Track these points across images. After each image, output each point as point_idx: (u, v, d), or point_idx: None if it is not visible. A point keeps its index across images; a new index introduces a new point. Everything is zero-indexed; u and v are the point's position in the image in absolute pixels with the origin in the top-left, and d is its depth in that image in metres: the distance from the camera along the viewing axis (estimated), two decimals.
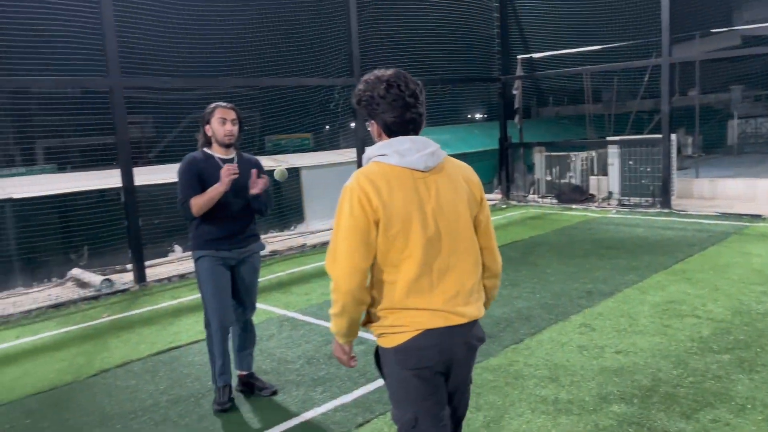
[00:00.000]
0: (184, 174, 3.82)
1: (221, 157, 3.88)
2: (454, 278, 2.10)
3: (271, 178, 4.00)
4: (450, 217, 2.10)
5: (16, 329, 6.11)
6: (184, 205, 3.79)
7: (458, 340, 2.12)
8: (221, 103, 3.93)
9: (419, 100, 2.16)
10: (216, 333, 3.95)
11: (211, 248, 3.88)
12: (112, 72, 7.05)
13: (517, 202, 12.74)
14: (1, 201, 7.52)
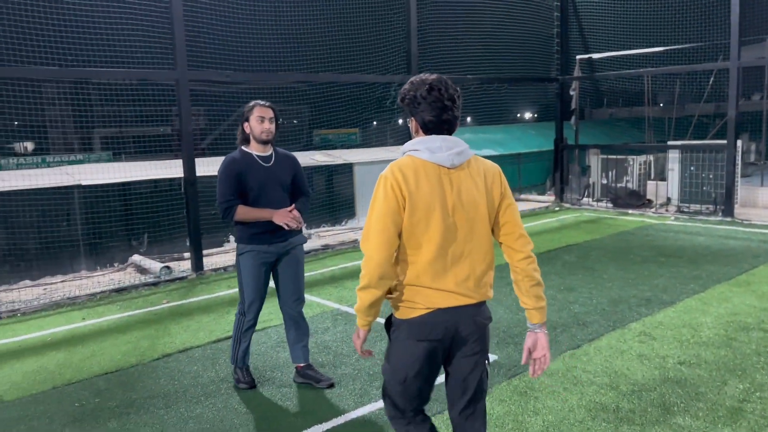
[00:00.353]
0: (224, 176, 3.98)
1: (259, 154, 4.05)
2: (467, 264, 2.37)
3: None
4: (469, 210, 2.35)
5: (83, 311, 6.37)
6: (226, 209, 3.95)
7: (466, 318, 2.39)
8: (260, 101, 4.09)
9: (456, 104, 2.37)
10: (248, 323, 4.17)
11: (254, 242, 4.02)
12: (180, 65, 7.25)
13: (570, 205, 12.51)
14: (70, 187, 7.83)
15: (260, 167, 4.02)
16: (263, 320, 5.75)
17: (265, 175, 4.02)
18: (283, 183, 4.08)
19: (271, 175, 4.04)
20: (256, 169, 4.00)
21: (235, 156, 4.05)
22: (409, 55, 9.76)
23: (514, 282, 2.51)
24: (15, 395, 4.32)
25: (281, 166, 4.10)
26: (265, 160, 4.06)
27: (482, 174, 2.40)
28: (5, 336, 5.65)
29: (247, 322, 4.17)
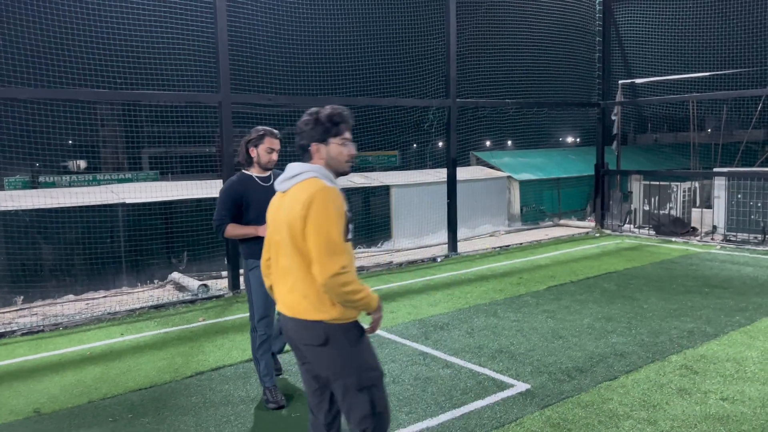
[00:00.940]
0: (222, 198, 4.35)
1: (259, 176, 4.42)
2: (287, 278, 2.64)
3: None
4: (282, 231, 2.61)
5: (122, 326, 6.52)
6: (218, 227, 4.35)
7: (286, 327, 2.72)
8: (271, 130, 4.40)
9: (298, 131, 2.67)
10: (261, 338, 4.39)
11: (257, 258, 4.22)
12: (223, 88, 7.45)
13: (611, 232, 12.25)
14: (114, 205, 8.07)
15: (260, 187, 4.37)
16: None
17: (265, 194, 4.26)
18: None
19: (269, 194, 4.22)
20: (256, 189, 4.35)
21: (236, 180, 4.39)
22: (448, 79, 9.80)
23: None
24: (52, 408, 4.43)
25: None
26: (264, 181, 4.43)
27: (298, 199, 2.54)
28: (47, 349, 5.82)
29: (260, 336, 4.37)
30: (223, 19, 7.41)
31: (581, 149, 16.30)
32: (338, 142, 2.66)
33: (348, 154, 2.69)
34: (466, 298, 7.24)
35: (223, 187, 4.45)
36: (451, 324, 6.20)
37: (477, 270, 8.95)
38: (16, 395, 4.68)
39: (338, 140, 2.66)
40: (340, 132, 2.66)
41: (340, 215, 2.52)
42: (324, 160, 2.66)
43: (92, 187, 9.55)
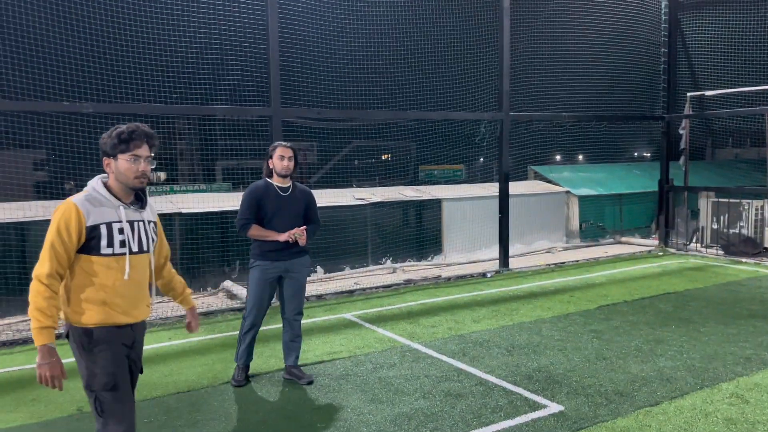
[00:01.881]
0: (246, 199, 4.82)
1: (279, 185, 4.87)
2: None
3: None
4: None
5: (170, 331, 6.76)
6: (243, 225, 4.79)
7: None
8: (282, 142, 4.90)
9: (99, 145, 2.90)
10: (247, 326, 4.95)
11: (262, 258, 4.83)
12: (274, 102, 7.66)
13: (675, 251, 11.69)
14: (171, 215, 8.42)
15: (278, 195, 4.83)
16: (332, 352, 5.82)
17: (281, 202, 4.82)
18: (296, 211, 4.89)
19: (285, 203, 4.84)
20: (274, 196, 4.81)
21: (259, 184, 4.88)
22: (501, 92, 9.68)
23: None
24: None
25: (296, 197, 4.91)
26: (283, 191, 4.87)
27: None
28: None
29: (246, 325, 4.93)
30: (275, 36, 7.63)
31: (648, 164, 15.69)
32: (126, 158, 2.80)
33: (137, 170, 2.83)
34: (511, 316, 7.08)
35: (247, 189, 4.88)
36: (492, 341, 6.07)
37: (527, 287, 8.74)
38: (63, 393, 4.92)
39: (127, 156, 2.80)
40: (128, 149, 2.80)
41: (60, 228, 2.71)
42: (114, 174, 2.85)
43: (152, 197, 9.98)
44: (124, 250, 2.83)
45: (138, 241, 2.90)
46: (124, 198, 2.89)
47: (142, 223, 2.94)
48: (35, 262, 2.81)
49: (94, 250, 2.77)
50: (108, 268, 2.80)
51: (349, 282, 9.12)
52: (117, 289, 2.84)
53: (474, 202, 11.06)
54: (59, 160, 9.52)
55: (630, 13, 11.77)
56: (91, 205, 2.78)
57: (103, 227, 2.78)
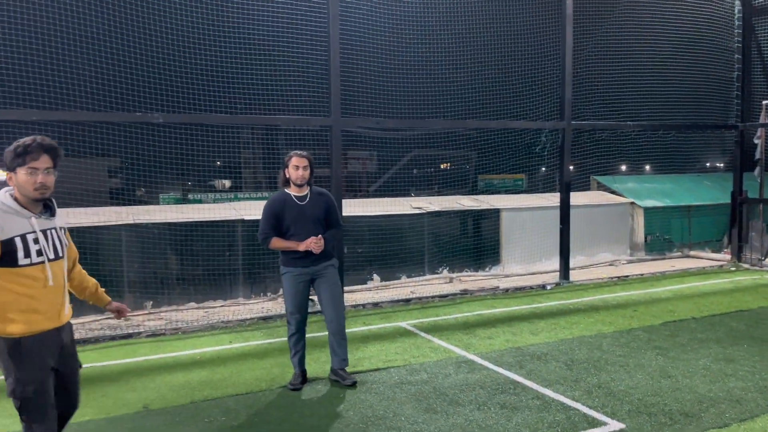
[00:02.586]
0: (265, 214, 5.03)
1: (295, 194, 5.04)
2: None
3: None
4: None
5: (231, 335, 6.95)
6: (264, 239, 5.02)
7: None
8: (297, 151, 5.05)
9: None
10: (290, 331, 5.13)
11: (291, 265, 5.03)
12: (334, 112, 7.79)
13: (749, 266, 11.12)
14: (234, 221, 8.67)
15: (295, 205, 5.00)
16: (387, 360, 5.84)
17: (299, 211, 4.98)
18: (315, 217, 5.02)
19: (303, 211, 5.00)
20: (291, 206, 4.98)
21: (276, 196, 5.08)
22: (563, 100, 9.50)
23: None
24: (159, 405, 4.82)
25: (314, 203, 5.05)
26: (301, 199, 5.03)
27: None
28: (165, 351, 6.34)
29: (290, 329, 5.13)
30: (335, 47, 7.77)
31: (720, 175, 15.01)
32: (24, 171, 2.89)
33: (35, 182, 2.91)
34: (571, 329, 6.91)
35: (266, 203, 5.08)
36: (550, 354, 5.94)
37: (588, 300, 8.51)
38: (130, 390, 5.15)
39: (25, 169, 2.89)
40: (25, 162, 2.89)
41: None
42: (15, 186, 2.94)
43: (216, 204, 10.31)
44: (42, 258, 2.96)
45: (53, 248, 3.03)
46: (33, 208, 3.00)
47: (54, 230, 3.07)
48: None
49: (12, 262, 2.88)
50: (29, 278, 2.93)
51: (405, 290, 9.13)
52: (40, 297, 2.96)
53: (534, 213, 10.87)
54: (132, 168, 10.00)
55: (701, 18, 11.34)
56: (1, 219, 2.89)
57: (17, 240, 2.89)
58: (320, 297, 5.16)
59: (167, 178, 12.17)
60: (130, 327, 7.23)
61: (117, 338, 6.83)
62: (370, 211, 9.38)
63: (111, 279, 7.95)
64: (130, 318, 7.67)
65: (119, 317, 3.67)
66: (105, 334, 6.93)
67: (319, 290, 5.14)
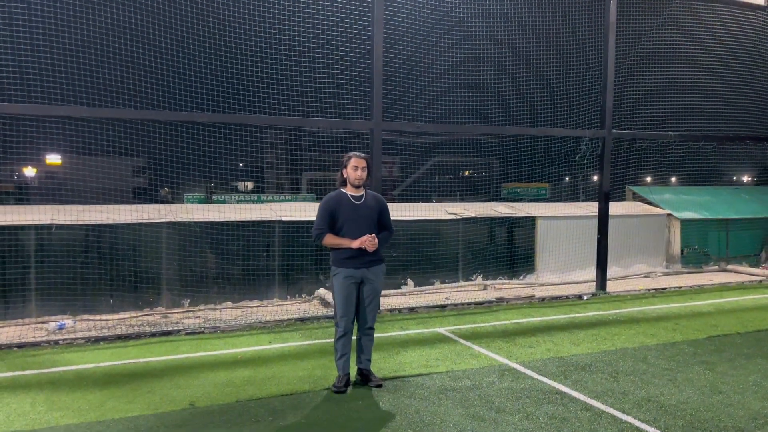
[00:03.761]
0: (321, 210, 5.08)
1: (352, 194, 5.10)
2: None
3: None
4: None
5: (270, 335, 6.96)
6: (317, 235, 5.06)
7: None
8: (356, 153, 5.13)
9: None
10: (341, 332, 5.09)
11: (343, 266, 5.04)
12: (375, 116, 7.79)
13: None
14: (272, 222, 8.71)
15: (351, 204, 5.06)
16: (429, 365, 5.80)
17: (354, 211, 5.05)
18: (369, 218, 5.09)
19: (359, 211, 5.08)
20: (347, 205, 5.05)
21: (333, 194, 5.14)
22: (604, 109, 9.40)
23: None
24: (205, 403, 4.84)
25: (369, 205, 5.13)
26: (357, 199, 5.10)
27: None
28: (205, 349, 6.38)
29: (339, 332, 5.10)
30: (379, 50, 7.78)
31: (758, 188, 14.73)
32: None
33: None
34: (613, 340, 6.80)
35: (322, 201, 5.14)
36: (594, 365, 5.85)
37: (627, 312, 8.38)
38: (176, 387, 5.18)
39: None
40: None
41: None
42: None
43: (255, 204, 10.38)
44: None
45: None
46: None
47: None
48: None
49: None
50: None
51: (439, 296, 9.08)
52: None
53: (569, 222, 10.75)
54: (156, 167, 10.07)
55: (743, 29, 11.15)
56: None
57: None
58: (361, 299, 5.19)
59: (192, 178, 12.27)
60: (169, 324, 7.29)
61: (157, 335, 6.89)
62: (406, 215, 9.35)
63: (150, 276, 8.04)
64: (169, 315, 7.75)
65: None
66: (145, 330, 6.99)
67: (363, 293, 5.17)
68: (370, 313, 5.20)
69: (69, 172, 10.81)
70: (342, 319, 5.09)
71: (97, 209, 8.26)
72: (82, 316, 7.51)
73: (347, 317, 5.09)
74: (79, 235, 7.77)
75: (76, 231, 7.74)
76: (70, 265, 7.66)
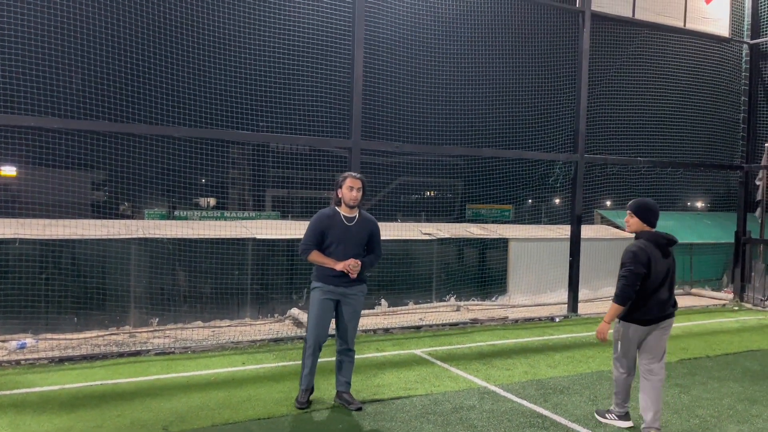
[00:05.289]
0: (311, 226, 5.04)
1: (345, 215, 5.05)
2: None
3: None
4: None
5: (243, 356, 6.78)
6: (304, 250, 5.00)
7: None
8: (352, 173, 5.12)
9: None
10: (309, 347, 5.06)
11: (323, 281, 5.00)
12: (354, 134, 7.76)
13: (752, 306, 11.17)
14: (245, 239, 8.54)
15: (343, 225, 5.00)
16: (408, 388, 5.72)
17: (345, 232, 4.99)
18: (358, 241, 5.03)
19: (349, 232, 5.02)
20: (339, 226, 4.99)
21: (326, 212, 5.07)
22: (576, 133, 9.58)
23: None
24: (179, 427, 4.65)
25: (360, 226, 5.07)
26: (349, 221, 5.04)
27: None
28: (177, 370, 6.16)
29: (307, 347, 5.06)
30: (359, 69, 7.78)
31: (717, 214, 15.17)
32: None
33: None
34: (588, 363, 6.84)
35: (313, 217, 5.09)
36: (572, 388, 5.86)
37: None
38: (147, 411, 4.97)
39: None
40: None
41: None
42: None
43: (226, 221, 10.18)
44: None
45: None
46: None
47: None
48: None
49: None
50: None
51: (413, 317, 9.02)
52: None
53: (541, 244, 10.86)
54: (116, 182, 9.77)
55: (710, 60, 11.55)
56: None
57: None
58: (338, 319, 5.14)
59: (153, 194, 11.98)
60: (137, 344, 7.04)
61: (125, 355, 6.64)
62: (381, 235, 9.28)
63: (117, 293, 7.77)
64: (137, 335, 7.49)
65: None
66: (112, 350, 6.73)
67: (341, 313, 5.11)
68: (349, 333, 5.15)
69: (25, 185, 10.41)
70: (311, 335, 5.06)
71: (61, 224, 7.97)
72: (44, 335, 7.19)
73: (318, 333, 5.05)
74: (43, 251, 7.47)
75: (40, 246, 7.44)
76: (32, 282, 7.35)
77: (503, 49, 9.89)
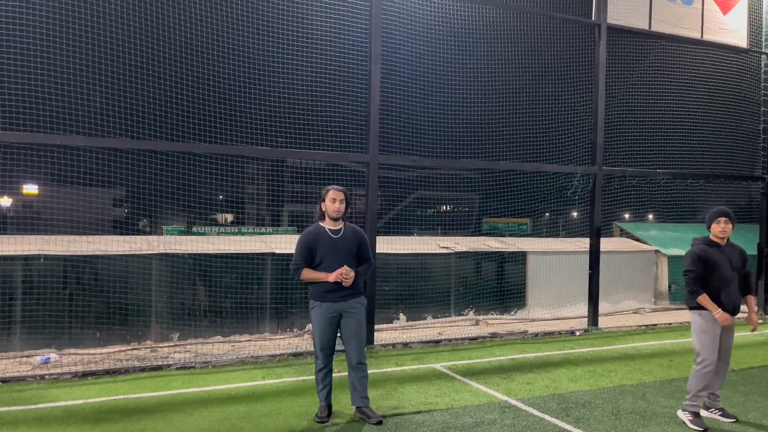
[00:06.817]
0: (298, 245, 5.06)
1: (330, 228, 5.08)
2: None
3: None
4: None
5: (263, 370, 6.81)
6: (295, 270, 5.04)
7: None
8: (334, 186, 5.11)
9: None
10: (319, 366, 5.11)
11: (320, 299, 5.02)
12: (371, 149, 7.81)
13: None
14: (264, 254, 8.60)
15: (329, 238, 5.03)
16: (428, 402, 5.70)
17: (332, 244, 5.01)
18: (347, 252, 5.04)
19: (336, 244, 5.04)
20: (325, 240, 5.02)
21: (310, 230, 5.11)
22: (594, 146, 9.55)
23: None
24: None
25: (347, 238, 5.09)
26: (334, 233, 5.07)
27: None
28: (198, 384, 6.20)
29: (318, 364, 5.10)
30: (376, 84, 7.85)
31: (739, 226, 14.94)
32: None
33: None
34: (610, 377, 6.76)
35: (300, 235, 5.14)
36: (594, 403, 5.80)
37: (620, 348, 8.36)
38: (169, 425, 5.01)
39: None
40: None
41: None
42: None
43: (244, 236, 10.27)
44: None
45: None
46: None
47: None
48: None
49: None
50: None
51: (432, 331, 9.00)
52: None
53: (559, 257, 10.80)
54: (135, 198, 9.90)
55: (728, 71, 11.47)
56: None
57: None
58: (343, 334, 5.12)
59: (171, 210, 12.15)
60: (158, 359, 7.11)
61: (147, 369, 6.70)
62: (399, 249, 9.32)
63: (139, 309, 7.86)
64: (158, 349, 7.55)
65: None
66: (134, 365, 6.80)
67: (344, 327, 5.09)
68: (356, 347, 5.10)
69: (47, 203, 10.60)
70: (320, 353, 5.08)
71: (84, 240, 8.10)
72: (68, 350, 7.29)
73: (325, 351, 5.07)
74: (67, 267, 7.59)
75: (64, 262, 7.56)
76: (56, 297, 7.46)
77: (520, 62, 9.92)
